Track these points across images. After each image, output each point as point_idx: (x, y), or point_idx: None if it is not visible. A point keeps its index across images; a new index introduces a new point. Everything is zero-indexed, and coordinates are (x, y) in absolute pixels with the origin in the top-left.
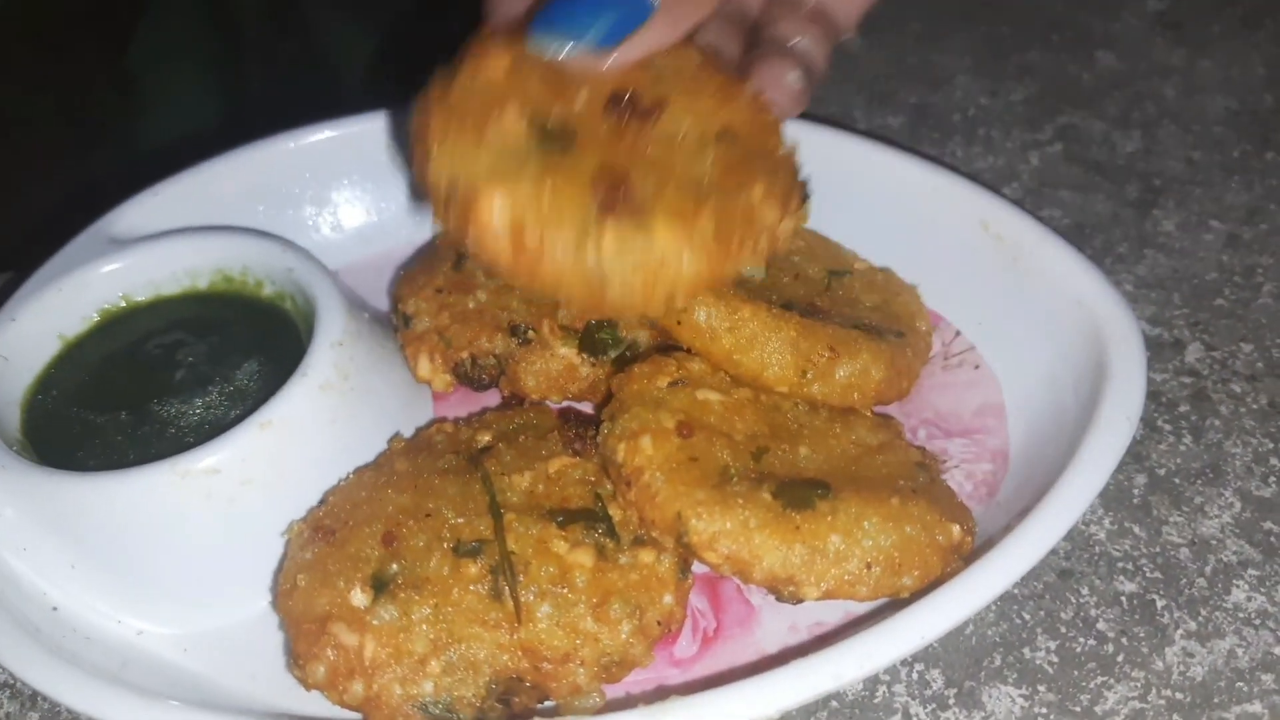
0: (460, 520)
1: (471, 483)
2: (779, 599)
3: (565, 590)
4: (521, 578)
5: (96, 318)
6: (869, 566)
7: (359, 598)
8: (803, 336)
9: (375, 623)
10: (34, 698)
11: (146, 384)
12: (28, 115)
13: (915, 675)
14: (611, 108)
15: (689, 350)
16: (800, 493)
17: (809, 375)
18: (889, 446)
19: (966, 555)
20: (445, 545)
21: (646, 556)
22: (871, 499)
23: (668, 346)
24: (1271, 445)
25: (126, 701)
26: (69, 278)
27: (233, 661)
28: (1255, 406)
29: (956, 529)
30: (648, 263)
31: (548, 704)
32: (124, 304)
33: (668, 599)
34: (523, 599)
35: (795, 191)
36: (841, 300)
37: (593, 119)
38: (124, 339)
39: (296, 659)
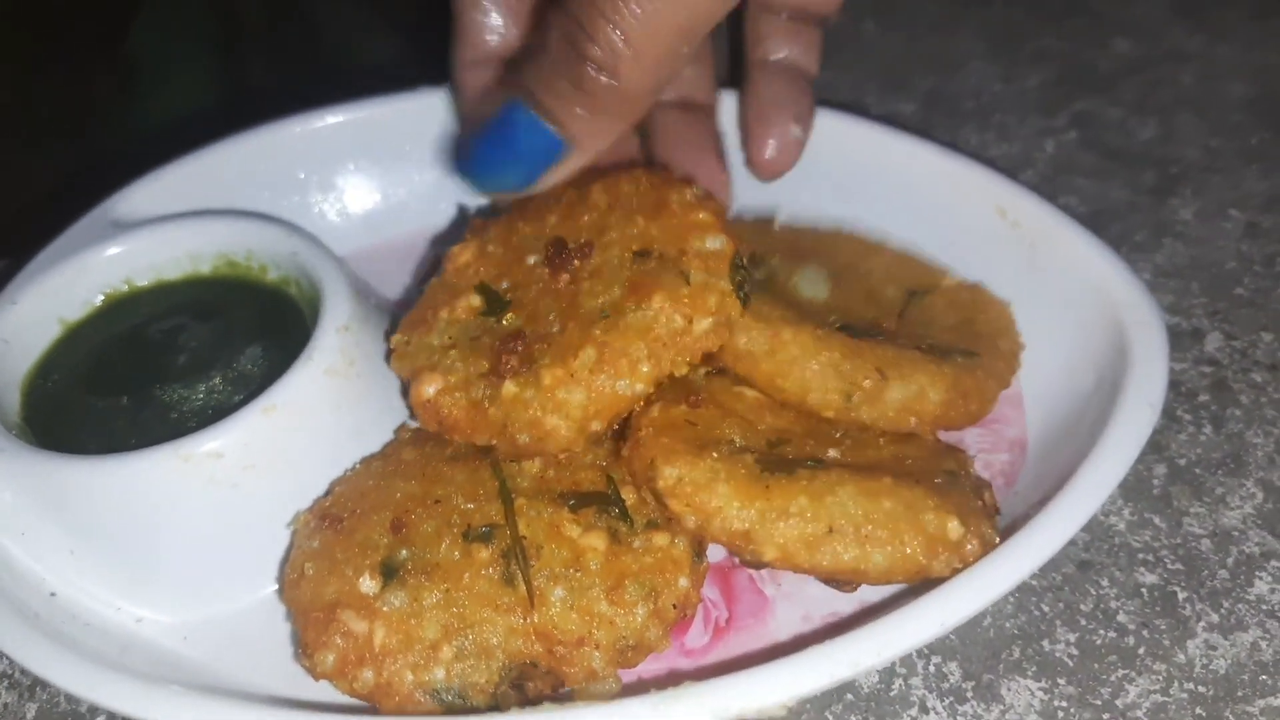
0: (470, 506)
1: (480, 469)
2: (741, 561)
3: (579, 574)
4: (534, 562)
5: (99, 301)
6: (830, 530)
7: (368, 585)
8: (847, 359)
9: (385, 609)
10: (33, 688)
11: (148, 368)
12: (28, 99)
13: (932, 668)
14: (547, 259)
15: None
16: (786, 463)
17: (855, 399)
18: (929, 458)
19: (966, 560)
20: (455, 531)
21: (661, 539)
22: (861, 474)
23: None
24: None
25: (126, 687)
26: (71, 261)
27: (234, 650)
28: (1277, 396)
29: (954, 524)
30: (541, 405)
31: (562, 690)
32: (126, 288)
33: (683, 582)
34: (535, 583)
35: (711, 290)
36: (916, 321)
37: (534, 276)
38: (126, 323)
39: (305, 648)
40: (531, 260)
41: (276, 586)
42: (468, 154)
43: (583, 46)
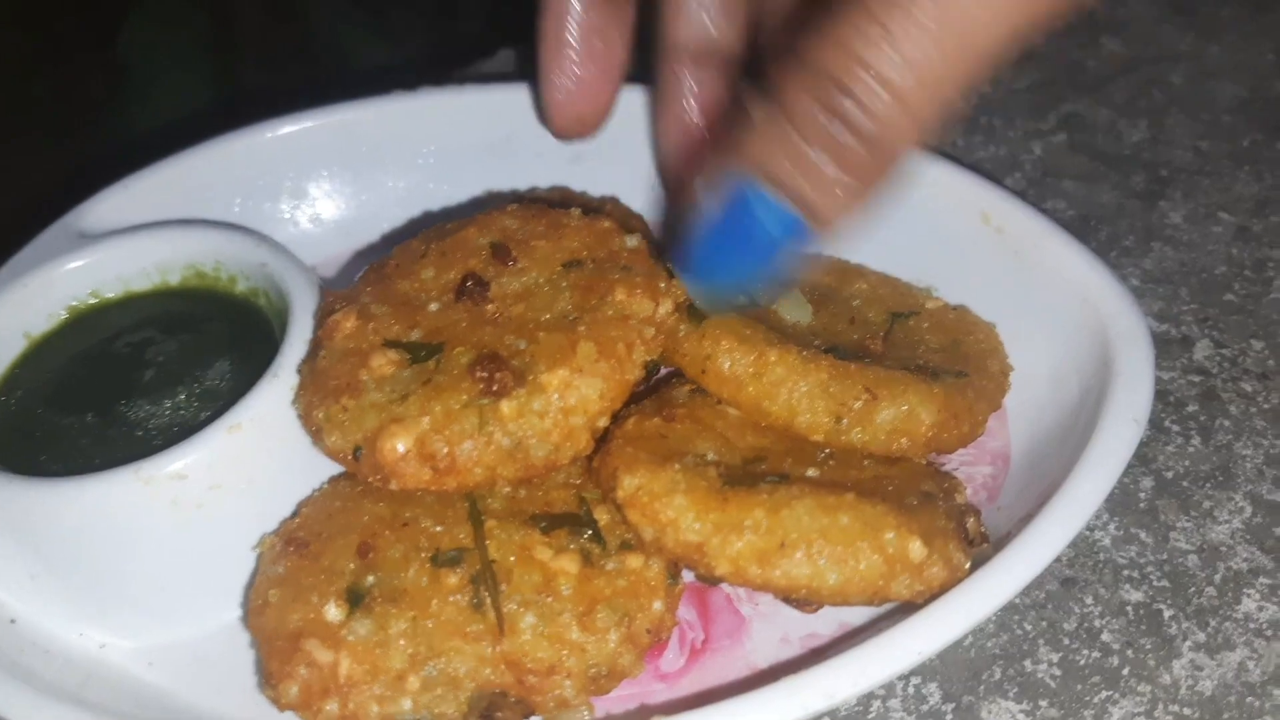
0: (439, 529)
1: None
2: (698, 578)
3: (550, 599)
4: (504, 587)
5: (65, 315)
6: (783, 545)
7: (333, 612)
8: (835, 379)
9: (350, 638)
10: None
11: (115, 384)
12: (17, 100)
13: (911, 689)
14: (460, 296)
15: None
16: (750, 477)
17: (844, 422)
18: (910, 478)
19: (929, 585)
20: (423, 555)
21: (634, 561)
22: (824, 490)
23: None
24: None
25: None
26: (36, 274)
27: (199, 676)
28: (1267, 406)
29: (916, 546)
30: (552, 411)
31: (533, 719)
32: (93, 301)
33: (657, 605)
34: (505, 609)
35: (657, 276)
36: (901, 343)
37: (450, 316)
38: (93, 337)
39: (269, 679)
40: (435, 307)
41: (243, 609)
42: (691, 254)
43: (835, 103)
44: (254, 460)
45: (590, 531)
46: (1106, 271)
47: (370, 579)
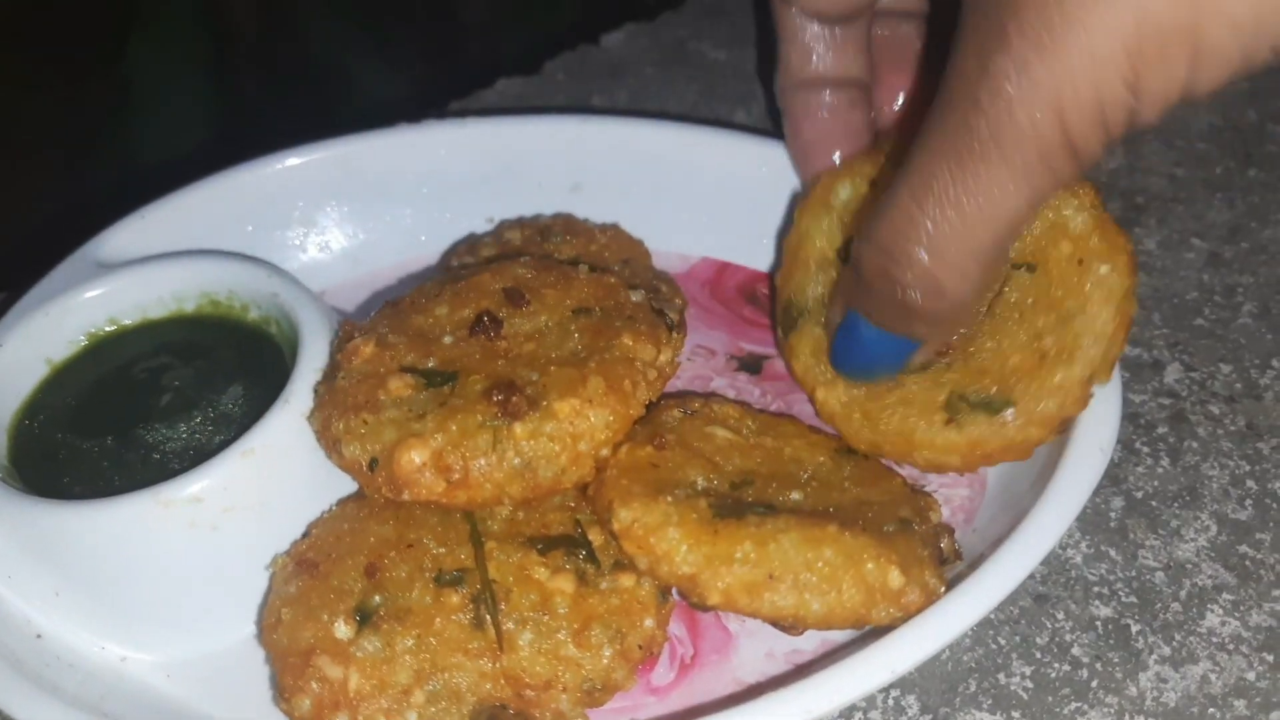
0: (442, 550)
1: (452, 512)
2: (691, 605)
3: (546, 617)
4: (503, 606)
5: (83, 342)
6: (770, 577)
7: (342, 630)
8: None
9: (359, 654)
10: None
11: (132, 409)
12: (23, 123)
13: (891, 701)
14: (475, 332)
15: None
16: (738, 507)
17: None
18: (890, 504)
19: (907, 610)
20: (427, 575)
21: (627, 581)
22: (808, 521)
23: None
24: (1248, 468)
25: None
26: (56, 302)
27: (216, 688)
28: (1233, 428)
29: (895, 574)
30: (561, 436)
31: None
32: (111, 328)
33: (649, 623)
34: (504, 627)
35: (660, 328)
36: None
37: (464, 349)
38: (111, 363)
39: (282, 692)
40: (449, 340)
41: (257, 627)
42: (832, 357)
43: (902, 279)
44: (266, 483)
45: (585, 552)
46: None
47: (377, 598)
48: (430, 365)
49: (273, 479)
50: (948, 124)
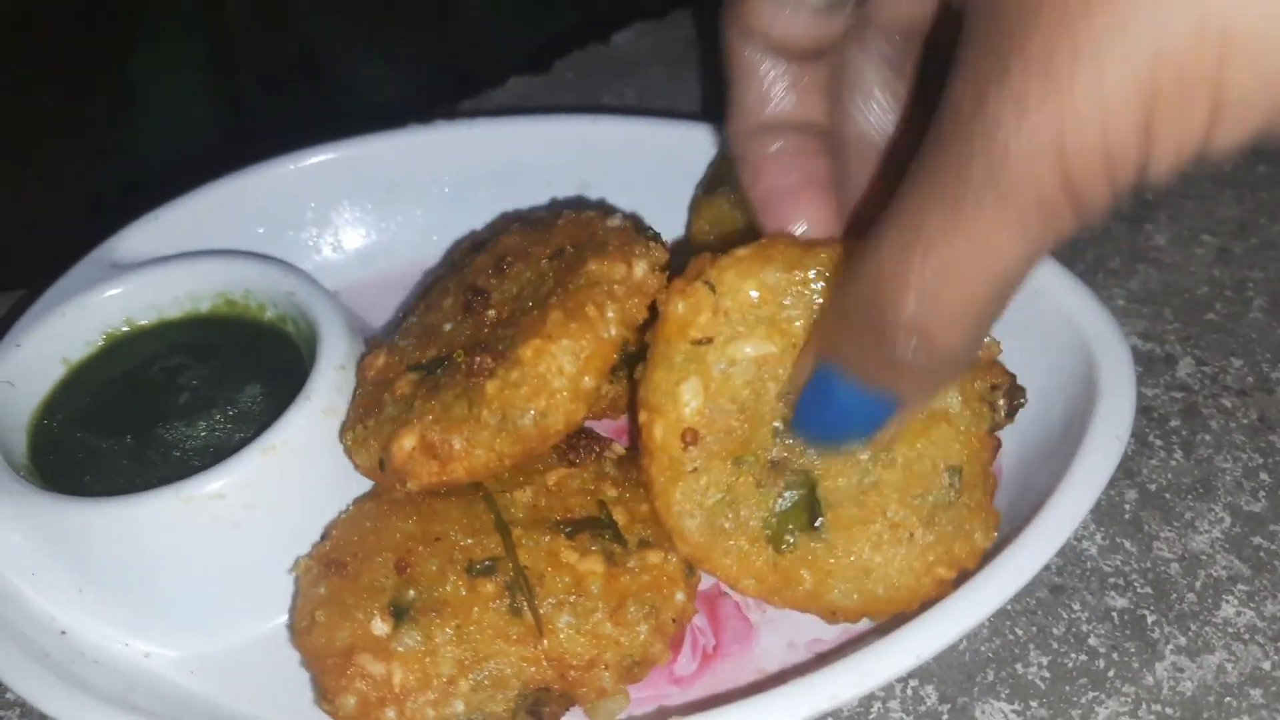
0: (470, 541)
1: (474, 503)
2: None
3: (582, 598)
4: (537, 590)
5: (100, 342)
6: (832, 613)
7: (380, 627)
8: None
9: (400, 649)
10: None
11: (150, 407)
12: (28, 125)
13: (909, 691)
14: (469, 311)
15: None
16: (791, 527)
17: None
18: (941, 423)
19: (943, 593)
20: (458, 567)
21: (654, 557)
22: (854, 534)
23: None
24: (1261, 460)
25: None
26: (72, 302)
27: (239, 683)
28: (1245, 421)
29: (941, 570)
30: (530, 379)
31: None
32: (127, 328)
33: (680, 596)
34: (541, 611)
35: (631, 243)
36: None
37: (458, 331)
38: (127, 363)
39: (324, 694)
40: (449, 327)
41: (279, 621)
42: (795, 419)
43: (888, 327)
44: (288, 480)
45: (610, 533)
46: (1089, 294)
47: (411, 593)
48: (430, 356)
49: (294, 476)
50: (939, 163)
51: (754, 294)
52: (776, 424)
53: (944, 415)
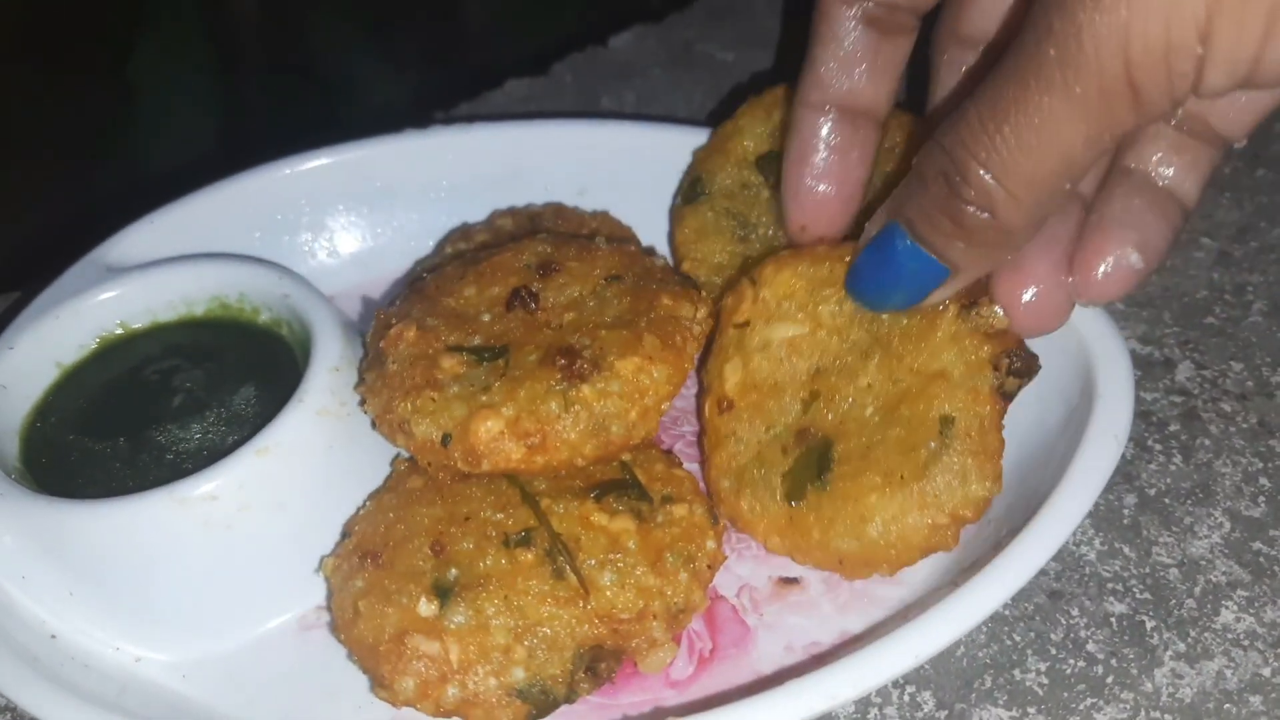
0: (500, 516)
1: (496, 481)
2: None
3: (621, 555)
4: (576, 553)
5: (94, 345)
6: (840, 563)
7: (427, 607)
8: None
9: (451, 626)
10: None
11: (144, 410)
12: (29, 128)
13: (907, 697)
14: (513, 306)
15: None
16: (802, 480)
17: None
18: (940, 381)
19: (966, 524)
20: (495, 542)
21: (680, 510)
22: (855, 487)
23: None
24: (1261, 465)
25: None
26: (66, 305)
27: (230, 688)
28: (1245, 426)
29: (938, 515)
30: (628, 393)
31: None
32: (121, 331)
33: (710, 544)
34: (584, 572)
35: (690, 287)
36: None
37: (507, 324)
38: (121, 366)
39: (380, 680)
40: (487, 317)
41: (273, 624)
42: (852, 272)
43: (957, 186)
44: (282, 482)
45: (635, 491)
46: None
47: (452, 572)
48: (476, 343)
49: (288, 478)
50: (1024, 45)
51: (790, 285)
52: (803, 396)
53: (942, 373)
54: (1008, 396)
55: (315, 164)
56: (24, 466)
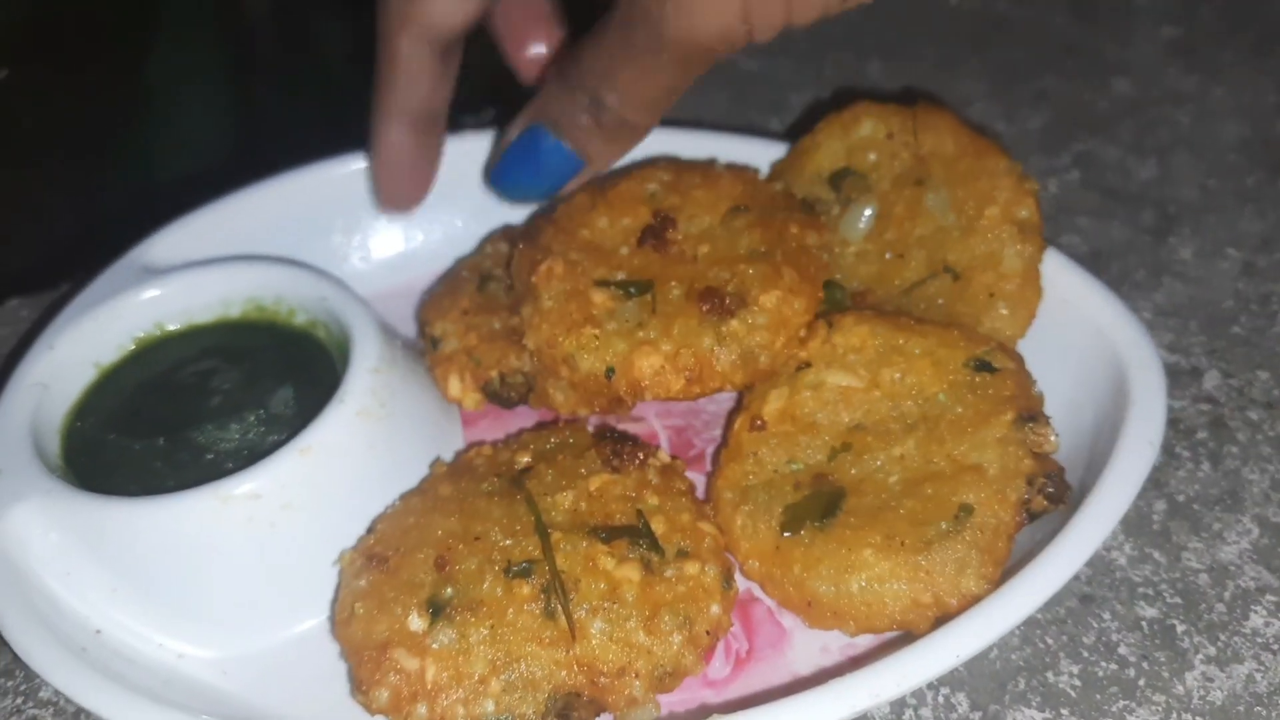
0: (509, 542)
1: (516, 504)
2: None
3: (616, 605)
4: (573, 595)
5: (132, 346)
6: (808, 606)
7: (416, 623)
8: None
9: (435, 646)
10: (77, 716)
11: (182, 410)
12: (45, 130)
13: (941, 699)
14: (646, 240)
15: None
16: (802, 516)
17: None
18: (972, 478)
19: (946, 611)
20: (496, 567)
21: (691, 568)
22: (853, 539)
23: None
24: None
25: (168, 717)
26: (104, 307)
27: (272, 684)
28: (1272, 434)
29: (923, 592)
30: (774, 325)
31: (603, 717)
32: (158, 332)
33: (715, 609)
34: (575, 616)
35: (810, 213)
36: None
37: (644, 258)
38: (158, 366)
39: (359, 685)
40: (625, 251)
41: (313, 622)
42: (497, 170)
43: (594, 92)
44: (323, 481)
45: (648, 541)
46: (1119, 303)
47: (448, 591)
48: (621, 277)
49: (329, 477)
50: (623, 21)
51: (864, 339)
52: (835, 444)
53: (978, 468)
54: (1031, 515)
55: (349, 168)
56: (65, 464)
